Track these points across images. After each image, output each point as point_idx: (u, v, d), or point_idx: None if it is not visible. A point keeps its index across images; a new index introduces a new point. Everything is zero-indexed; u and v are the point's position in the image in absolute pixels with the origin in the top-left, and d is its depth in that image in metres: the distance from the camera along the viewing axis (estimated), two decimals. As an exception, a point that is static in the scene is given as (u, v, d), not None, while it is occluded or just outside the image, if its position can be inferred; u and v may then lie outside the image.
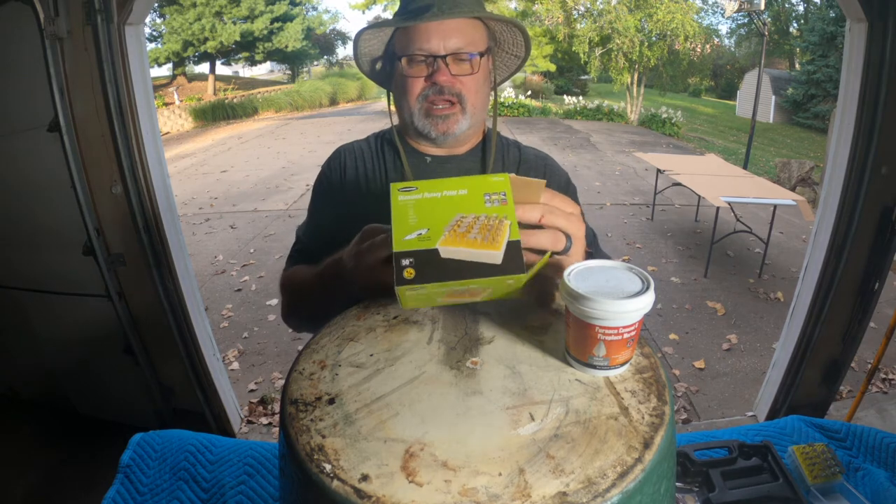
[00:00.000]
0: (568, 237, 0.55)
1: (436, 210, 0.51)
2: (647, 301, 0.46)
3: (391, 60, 0.89)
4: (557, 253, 0.55)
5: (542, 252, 0.54)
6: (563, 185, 0.95)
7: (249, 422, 2.33)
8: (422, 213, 0.50)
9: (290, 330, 0.91)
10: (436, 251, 0.48)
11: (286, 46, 20.09)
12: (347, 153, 0.96)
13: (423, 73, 0.82)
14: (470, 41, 0.82)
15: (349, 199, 0.92)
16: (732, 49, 23.90)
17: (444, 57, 0.81)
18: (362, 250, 0.61)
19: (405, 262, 0.48)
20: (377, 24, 0.86)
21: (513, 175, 0.53)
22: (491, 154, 0.92)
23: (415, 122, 0.86)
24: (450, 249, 0.48)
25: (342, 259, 0.67)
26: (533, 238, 0.53)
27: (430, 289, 0.49)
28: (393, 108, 0.93)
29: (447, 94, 0.82)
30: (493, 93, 0.94)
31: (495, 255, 0.48)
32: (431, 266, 0.48)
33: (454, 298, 0.54)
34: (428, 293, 0.50)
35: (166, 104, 15.83)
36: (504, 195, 0.51)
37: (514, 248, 0.48)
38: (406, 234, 0.49)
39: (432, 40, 0.80)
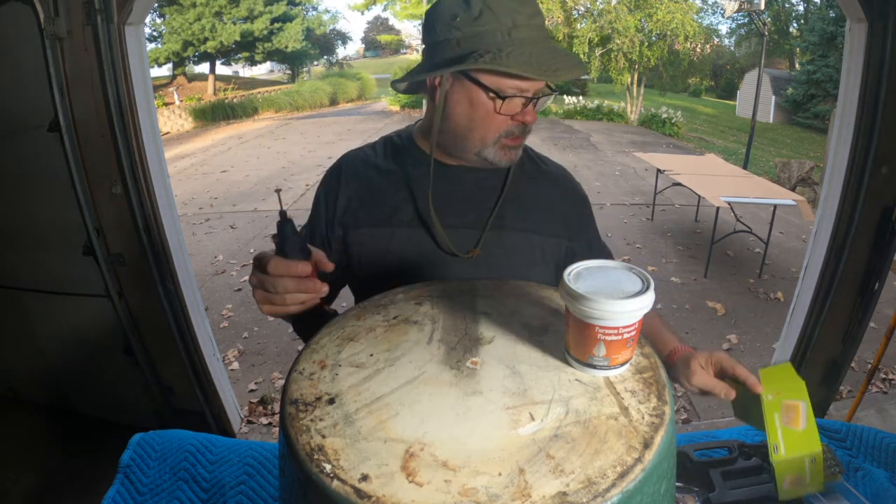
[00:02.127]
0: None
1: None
2: (647, 301, 0.46)
3: (458, 79, 0.80)
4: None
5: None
6: (578, 202, 0.96)
7: (249, 422, 2.33)
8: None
9: (290, 329, 0.90)
10: None
11: (286, 46, 20.07)
12: (353, 160, 0.93)
13: (515, 111, 0.79)
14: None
15: (351, 208, 0.89)
16: (732, 49, 23.86)
17: (535, 98, 0.79)
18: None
19: None
20: (493, 68, 0.74)
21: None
22: (522, 171, 0.92)
23: (483, 152, 0.83)
24: None
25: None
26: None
27: None
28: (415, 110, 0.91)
29: (526, 131, 0.82)
30: None
31: None
32: None
33: None
34: None
35: (166, 104, 15.82)
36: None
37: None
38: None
39: (534, 84, 0.78)
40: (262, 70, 27.87)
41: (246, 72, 27.49)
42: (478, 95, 0.79)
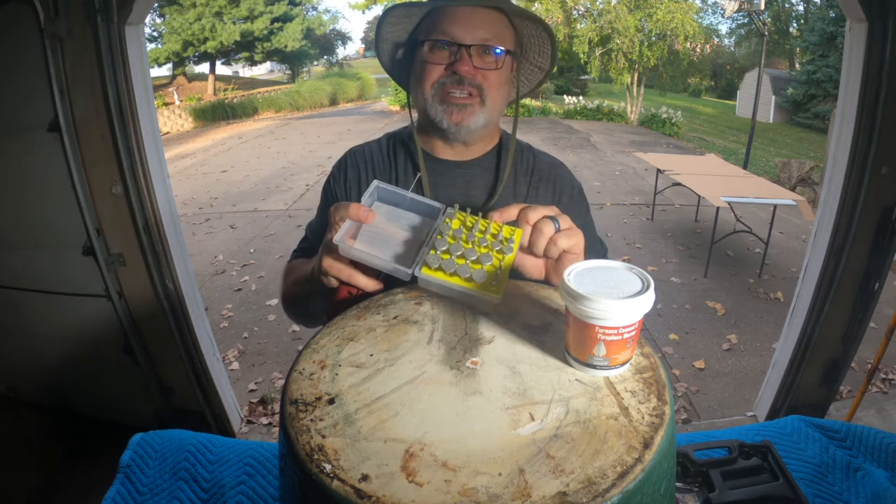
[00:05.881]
0: (553, 218, 0.64)
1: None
2: (647, 301, 0.46)
3: (412, 48, 0.86)
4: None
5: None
6: (575, 195, 0.93)
7: (249, 422, 2.33)
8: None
9: (291, 329, 0.92)
10: None
11: (286, 46, 20.08)
12: (357, 154, 0.95)
13: (445, 60, 0.79)
14: (497, 35, 0.80)
15: (355, 200, 0.92)
16: (732, 49, 23.87)
17: (468, 47, 0.78)
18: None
19: None
20: (409, 4, 0.82)
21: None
22: (508, 161, 0.89)
23: (428, 109, 0.82)
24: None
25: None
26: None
27: None
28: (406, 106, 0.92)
29: (467, 85, 0.79)
30: (515, 99, 0.93)
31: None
32: None
33: None
34: None
35: (166, 104, 15.82)
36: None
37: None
38: None
39: (459, 27, 0.78)
40: (262, 70, 27.89)
41: (246, 72, 27.50)
42: (418, 52, 0.82)
